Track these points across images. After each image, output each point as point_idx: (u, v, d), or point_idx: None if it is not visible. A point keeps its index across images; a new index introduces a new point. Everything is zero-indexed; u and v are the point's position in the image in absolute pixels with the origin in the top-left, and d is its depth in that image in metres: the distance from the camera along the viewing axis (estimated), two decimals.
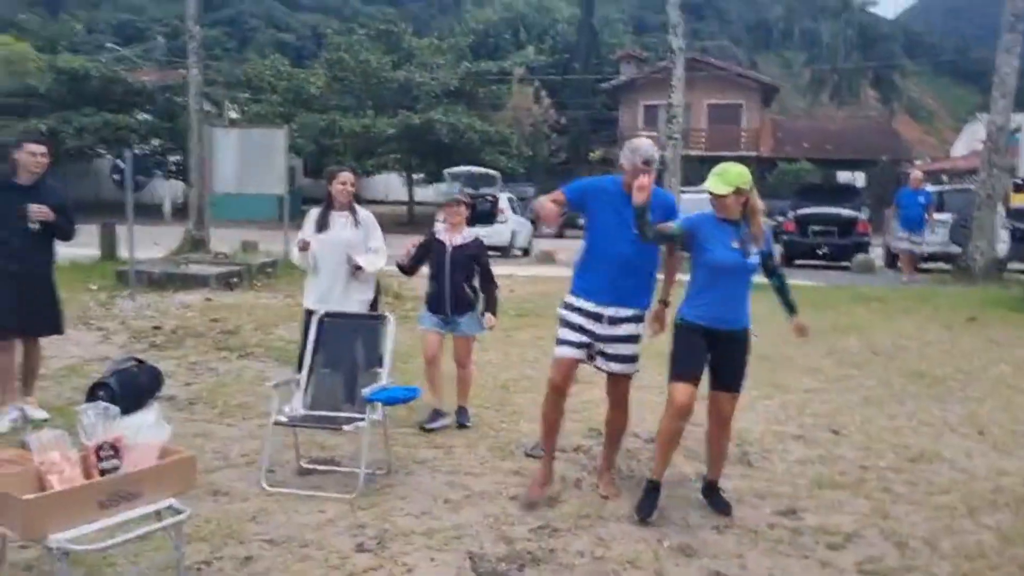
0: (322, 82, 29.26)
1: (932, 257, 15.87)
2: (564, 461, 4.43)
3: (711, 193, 3.64)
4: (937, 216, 15.77)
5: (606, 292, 3.80)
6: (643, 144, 3.84)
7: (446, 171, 19.41)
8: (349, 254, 4.88)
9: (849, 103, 46.89)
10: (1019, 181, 18.97)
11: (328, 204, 4.99)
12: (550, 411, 3.95)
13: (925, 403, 5.87)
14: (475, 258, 5.01)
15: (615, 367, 3.90)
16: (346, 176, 4.98)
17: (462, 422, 5.01)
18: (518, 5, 41.68)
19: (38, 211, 4.66)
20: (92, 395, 3.60)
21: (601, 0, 46.26)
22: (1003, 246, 14.15)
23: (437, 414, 4.98)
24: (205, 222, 14.18)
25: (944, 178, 29.45)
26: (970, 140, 41.63)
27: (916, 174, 14.19)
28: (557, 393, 3.91)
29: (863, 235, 16.61)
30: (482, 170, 19.61)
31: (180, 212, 25.99)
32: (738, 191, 3.61)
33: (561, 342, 3.87)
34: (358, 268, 4.89)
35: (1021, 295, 11.33)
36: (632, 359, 3.92)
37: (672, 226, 3.72)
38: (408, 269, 5.11)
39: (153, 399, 3.68)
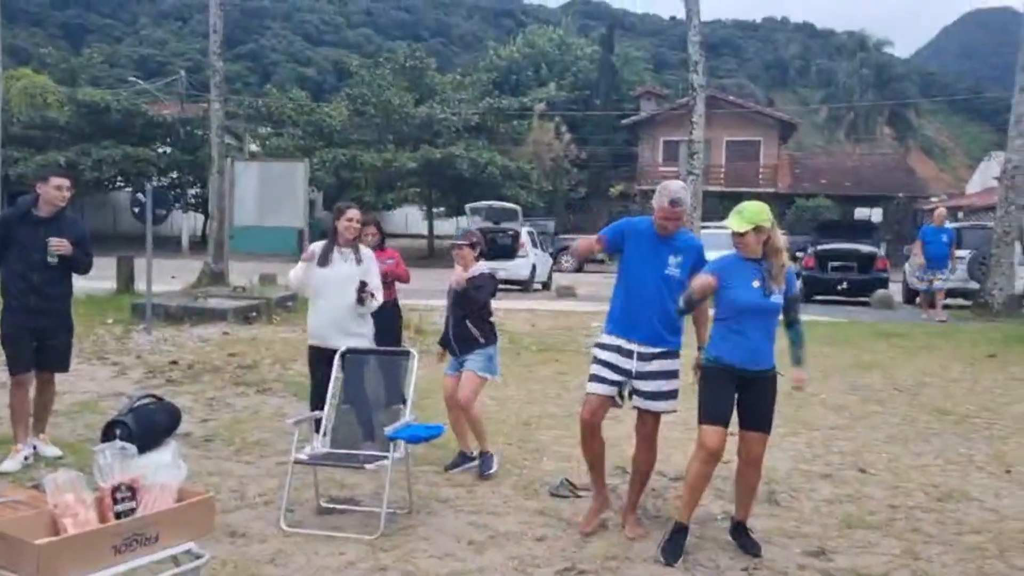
0: (343, 116, 29.66)
1: (951, 293, 15.71)
2: (589, 500, 4.34)
3: (732, 231, 3.64)
4: (956, 252, 15.66)
5: (638, 329, 3.85)
6: (672, 185, 3.93)
7: (467, 206, 19.51)
8: (363, 280, 4.84)
9: (865, 140, 46.95)
10: None
11: (333, 239, 4.98)
12: (587, 448, 4.01)
13: (951, 441, 5.76)
14: (479, 289, 4.83)
15: (650, 404, 3.92)
16: (353, 213, 4.99)
17: (482, 471, 4.76)
18: (540, 43, 42.19)
19: (58, 244, 4.62)
20: (108, 433, 3.53)
21: (622, 38, 46.86)
22: (1021, 282, 13.99)
23: (464, 458, 4.86)
24: (224, 255, 14.27)
25: (960, 215, 29.30)
26: (985, 177, 41.53)
27: (940, 211, 13.91)
28: (589, 429, 3.94)
29: (882, 271, 16.48)
30: (503, 204, 19.70)
31: (198, 245, 26.34)
32: (758, 229, 3.59)
33: (593, 378, 3.91)
34: (371, 296, 4.83)
35: None
36: (666, 396, 3.92)
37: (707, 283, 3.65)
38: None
39: (170, 438, 3.63)
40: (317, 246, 5.00)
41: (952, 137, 70.19)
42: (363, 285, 4.82)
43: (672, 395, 3.93)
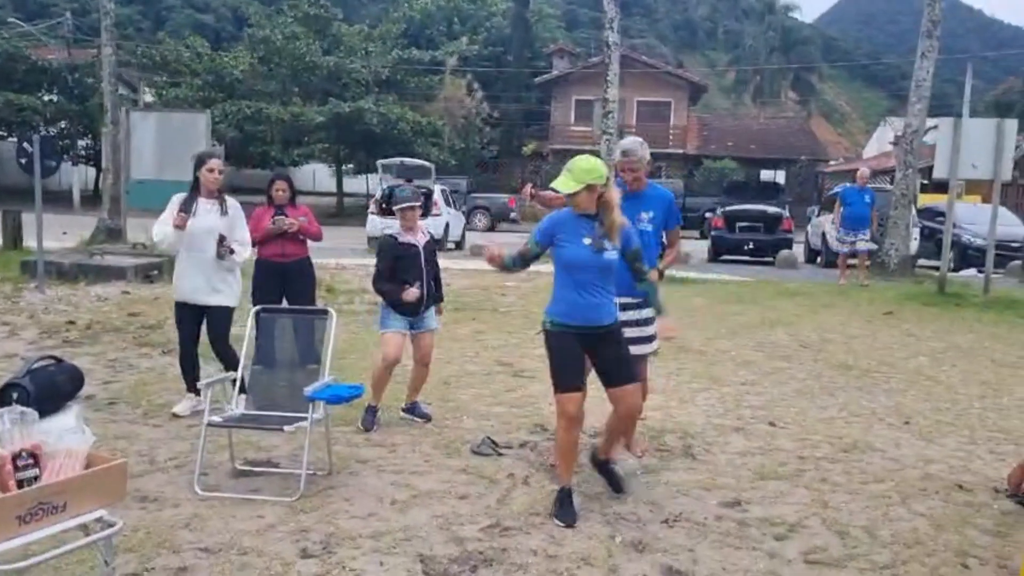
0: (246, 66, 28.32)
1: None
2: (512, 458, 4.35)
3: (557, 192, 3.59)
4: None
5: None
6: (625, 140, 4.12)
7: (379, 162, 19.03)
8: (222, 234, 4.70)
9: (769, 104, 48.41)
10: (925, 182, 19.92)
11: (194, 190, 4.82)
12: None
13: (854, 394, 6.06)
14: (434, 252, 4.96)
15: (635, 349, 3.95)
16: (215, 163, 4.83)
17: (424, 415, 4.91)
18: None
19: None
20: (4, 397, 3.27)
21: None
22: (915, 243, 14.81)
23: (372, 412, 4.81)
24: (121, 210, 13.49)
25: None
26: (881, 142, 43.64)
27: (863, 171, 13.59)
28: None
29: (787, 232, 17.15)
30: (416, 162, 19.32)
31: (89, 200, 24.80)
32: (589, 188, 3.49)
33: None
34: (230, 251, 4.71)
35: (933, 290, 11.90)
36: (648, 340, 4.13)
37: (530, 247, 3.64)
38: (387, 291, 4.73)
39: (73, 401, 3.39)
40: (178, 199, 4.81)
41: (850, 102, 73.29)
42: (222, 239, 4.68)
43: (653, 338, 4.15)
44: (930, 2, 13.65)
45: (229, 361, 4.88)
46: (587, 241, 3.51)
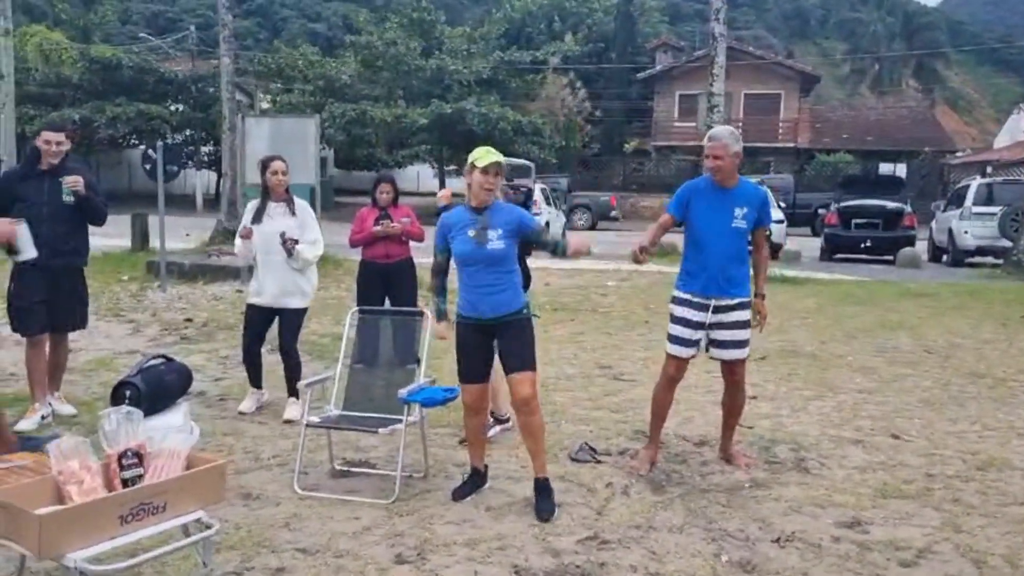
0: (352, 70, 29.19)
1: (980, 251, 15.35)
2: (610, 466, 4.20)
3: (480, 166, 3.61)
4: (985, 209, 15.26)
5: (711, 283, 4.00)
6: (716, 127, 4.17)
7: None
8: (282, 232, 4.72)
9: (889, 92, 45.78)
10: None
11: (264, 195, 4.90)
12: (661, 397, 4.20)
13: (987, 406, 5.56)
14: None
15: (727, 354, 4.11)
16: (277, 165, 4.88)
17: (501, 417, 4.75)
18: None
19: (73, 182, 4.50)
20: (117, 395, 3.39)
21: None
22: None
23: (496, 420, 4.65)
24: (237, 213, 14.12)
25: (989, 169, 28.61)
26: (1014, 131, 40.53)
27: None
28: (668, 384, 4.18)
29: (909, 228, 16.11)
30: (516, 161, 19.34)
31: (212, 203, 26.19)
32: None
33: (673, 339, 4.11)
34: (294, 242, 4.71)
35: None
36: (741, 344, 4.10)
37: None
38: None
39: (181, 399, 3.50)
40: (252, 206, 4.93)
41: (978, 89, 68.43)
42: (282, 235, 4.70)
43: (746, 343, 4.12)
44: None
45: (293, 364, 4.97)
46: (471, 234, 3.58)
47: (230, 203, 14.25)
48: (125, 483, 2.33)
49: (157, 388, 3.41)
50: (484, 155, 3.60)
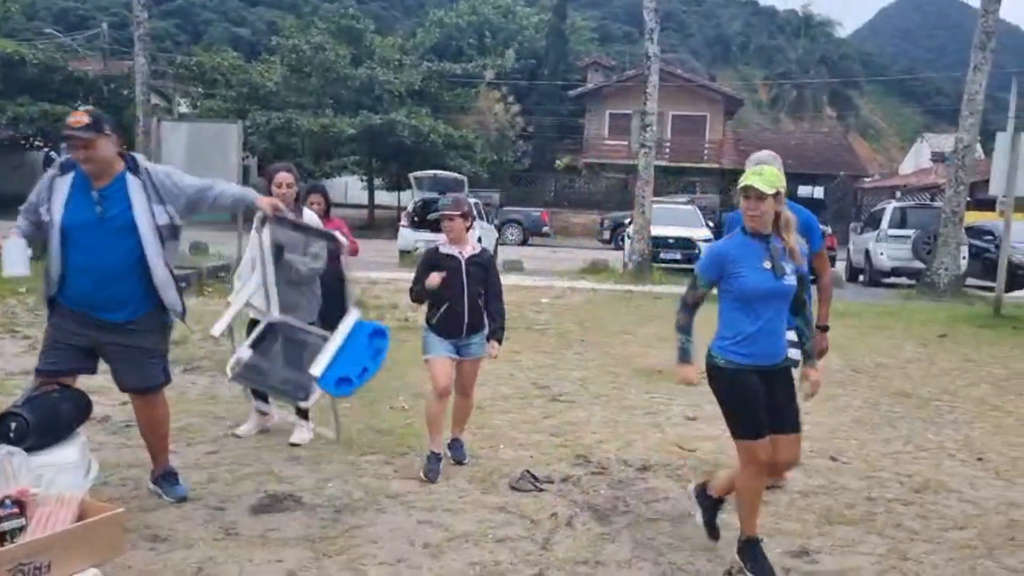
0: (279, 76, 28.43)
1: (896, 272, 15.95)
2: (553, 494, 4.00)
3: (752, 190, 3.11)
4: (899, 232, 15.90)
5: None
6: (760, 152, 3.76)
7: (412, 175, 18.84)
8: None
9: (805, 119, 47.64)
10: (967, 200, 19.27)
11: None
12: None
13: (917, 426, 5.63)
14: (487, 269, 4.38)
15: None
16: (283, 177, 4.56)
17: (459, 459, 4.37)
18: (485, 10, 41.18)
19: None
20: (1, 428, 2.92)
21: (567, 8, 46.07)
22: (964, 262, 14.24)
23: (437, 460, 4.20)
24: None
25: (898, 194, 29.97)
26: (919, 158, 42.62)
27: None
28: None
29: (830, 249, 16.59)
30: (449, 174, 19.11)
31: None
32: (778, 195, 3.13)
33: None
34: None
35: (987, 312, 11.34)
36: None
37: (700, 288, 3.23)
38: (416, 290, 4.34)
39: (77, 431, 3.09)
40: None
41: (885, 118, 72.03)
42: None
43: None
44: (983, 13, 13.13)
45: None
46: (766, 265, 3.12)
47: None
48: (3, 537, 1.98)
49: (48, 418, 2.99)
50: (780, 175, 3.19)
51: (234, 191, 3.75)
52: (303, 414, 4.68)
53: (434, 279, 4.17)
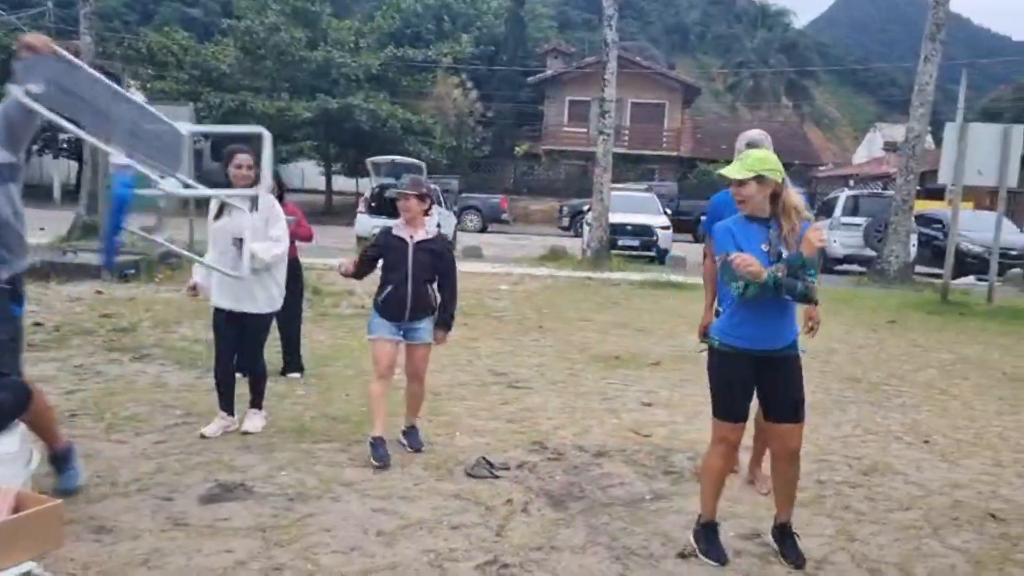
0: (232, 59, 27.79)
1: (848, 259, 16.29)
2: (509, 480, 3.99)
3: (729, 179, 3.13)
4: (852, 219, 16.22)
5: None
6: (751, 131, 3.72)
7: (369, 160, 18.59)
8: (233, 236, 4.29)
9: (761, 107, 48.31)
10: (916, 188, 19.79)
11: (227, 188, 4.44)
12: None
13: (866, 410, 5.76)
14: (439, 256, 4.32)
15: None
16: (243, 158, 4.43)
17: (415, 446, 4.34)
18: None
19: None
20: None
21: None
22: (913, 250, 14.60)
23: (380, 444, 4.16)
24: (99, 206, 13.04)
25: (851, 183, 30.58)
26: (871, 148, 43.54)
27: None
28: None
29: None
30: (408, 160, 18.92)
31: (71, 194, 24.26)
32: (760, 180, 3.09)
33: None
34: (239, 241, 4.22)
35: (935, 299, 11.64)
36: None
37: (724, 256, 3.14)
38: (357, 272, 4.35)
39: (16, 422, 2.97)
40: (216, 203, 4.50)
41: (839, 108, 73.42)
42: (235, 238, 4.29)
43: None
44: (934, 5, 13.40)
45: (259, 373, 4.57)
46: (764, 248, 3.09)
47: (91, 195, 13.15)
48: None
49: None
50: (771, 160, 3.13)
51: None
52: (256, 403, 4.60)
53: (345, 267, 4.29)
